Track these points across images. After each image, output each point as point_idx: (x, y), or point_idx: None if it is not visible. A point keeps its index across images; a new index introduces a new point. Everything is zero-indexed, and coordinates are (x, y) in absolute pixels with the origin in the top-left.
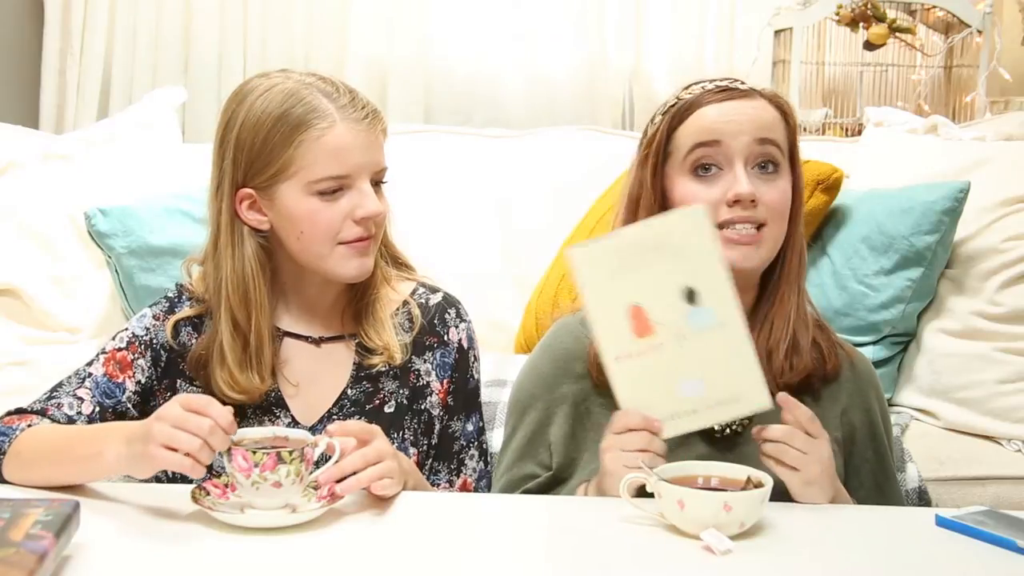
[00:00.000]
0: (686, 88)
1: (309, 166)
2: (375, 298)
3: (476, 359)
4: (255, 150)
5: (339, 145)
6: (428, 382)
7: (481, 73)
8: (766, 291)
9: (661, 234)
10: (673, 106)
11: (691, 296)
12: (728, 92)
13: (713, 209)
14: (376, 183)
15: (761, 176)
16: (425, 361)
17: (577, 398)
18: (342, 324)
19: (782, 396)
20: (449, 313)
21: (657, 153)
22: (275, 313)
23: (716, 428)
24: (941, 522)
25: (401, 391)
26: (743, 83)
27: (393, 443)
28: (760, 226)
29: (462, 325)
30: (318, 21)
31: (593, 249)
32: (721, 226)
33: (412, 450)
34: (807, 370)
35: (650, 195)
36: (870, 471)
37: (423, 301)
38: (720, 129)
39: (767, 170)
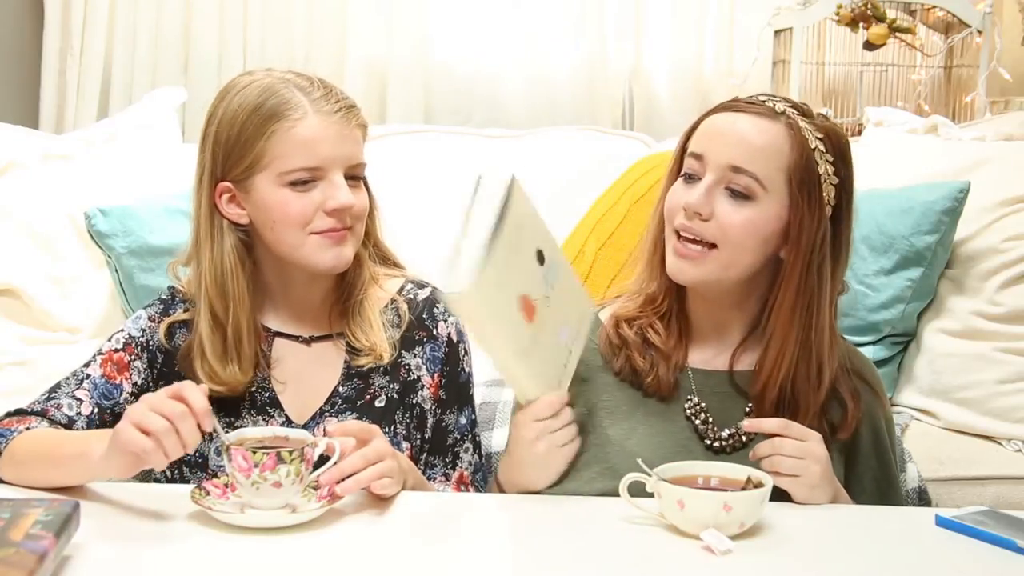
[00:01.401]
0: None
1: (281, 157)
2: (363, 298)
3: (467, 352)
4: (231, 143)
5: (310, 137)
6: (419, 376)
7: (481, 73)
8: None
9: (509, 219)
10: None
11: (540, 257)
12: (734, 104)
13: (672, 212)
14: (354, 177)
15: (731, 199)
16: (415, 356)
17: (578, 400)
18: (330, 323)
19: (746, 424)
20: (438, 307)
21: (675, 161)
22: (263, 313)
23: (710, 438)
24: (941, 522)
25: (391, 386)
26: (771, 98)
27: (386, 437)
28: (712, 246)
29: (451, 319)
30: (318, 21)
31: (474, 286)
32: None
33: (405, 444)
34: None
35: (663, 196)
36: (872, 478)
37: (411, 296)
38: (705, 143)
39: (736, 195)
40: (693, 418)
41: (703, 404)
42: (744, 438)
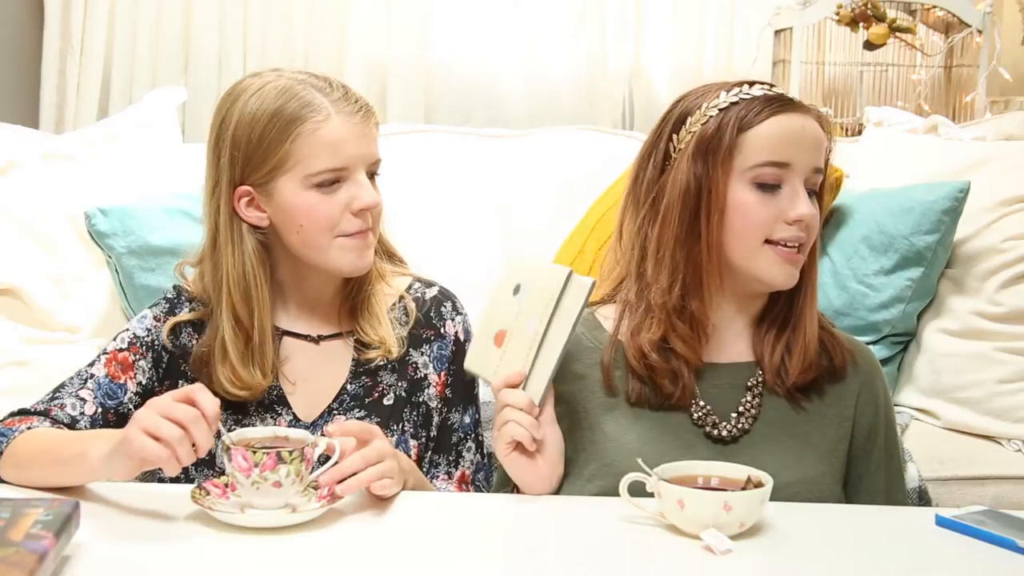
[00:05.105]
0: (737, 86)
1: (306, 159)
2: (371, 293)
3: None
4: (251, 147)
5: (335, 138)
6: (426, 375)
7: (481, 73)
8: (782, 308)
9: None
10: (735, 105)
11: (516, 289)
12: (792, 104)
13: (767, 225)
14: (371, 175)
15: (810, 197)
16: (422, 354)
17: (574, 398)
18: (339, 321)
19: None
20: (445, 306)
21: (720, 152)
22: (274, 312)
23: (717, 429)
24: (941, 522)
25: (399, 384)
26: (775, 87)
27: (393, 435)
28: (800, 246)
29: (458, 318)
30: (318, 21)
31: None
32: (772, 242)
33: (412, 442)
34: (813, 370)
35: (722, 197)
36: (884, 456)
37: (419, 295)
38: (790, 148)
39: (811, 193)
40: (695, 412)
41: (704, 401)
42: (748, 425)
